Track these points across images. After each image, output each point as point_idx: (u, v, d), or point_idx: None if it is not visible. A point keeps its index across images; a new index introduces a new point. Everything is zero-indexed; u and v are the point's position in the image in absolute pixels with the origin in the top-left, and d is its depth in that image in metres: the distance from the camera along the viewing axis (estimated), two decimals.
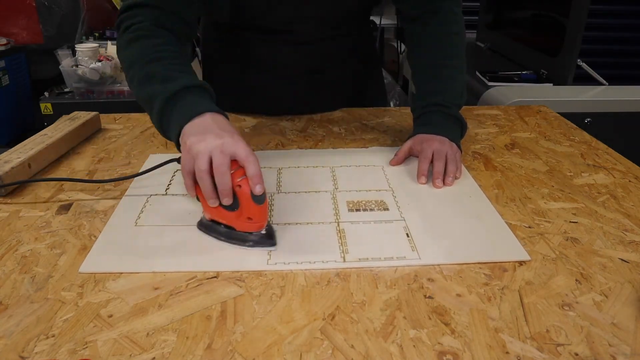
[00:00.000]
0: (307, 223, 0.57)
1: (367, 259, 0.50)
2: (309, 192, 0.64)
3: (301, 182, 0.67)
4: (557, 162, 0.74)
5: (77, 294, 0.45)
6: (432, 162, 0.68)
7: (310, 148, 0.79)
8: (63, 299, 0.45)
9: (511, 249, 0.52)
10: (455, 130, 0.73)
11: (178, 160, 0.56)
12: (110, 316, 0.43)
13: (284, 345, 0.39)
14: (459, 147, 0.71)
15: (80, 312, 0.43)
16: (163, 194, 0.64)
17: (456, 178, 0.67)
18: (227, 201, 0.50)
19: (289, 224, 0.57)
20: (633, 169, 0.72)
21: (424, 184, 0.66)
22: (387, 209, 0.60)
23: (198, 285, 0.47)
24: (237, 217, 0.51)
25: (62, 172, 0.72)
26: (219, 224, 0.53)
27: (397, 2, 0.82)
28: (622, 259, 0.51)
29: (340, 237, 0.54)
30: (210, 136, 0.51)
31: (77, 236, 0.55)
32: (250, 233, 0.52)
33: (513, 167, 0.73)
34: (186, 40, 0.71)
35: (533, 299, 0.45)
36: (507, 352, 0.39)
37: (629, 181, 0.68)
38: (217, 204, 0.51)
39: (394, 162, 0.72)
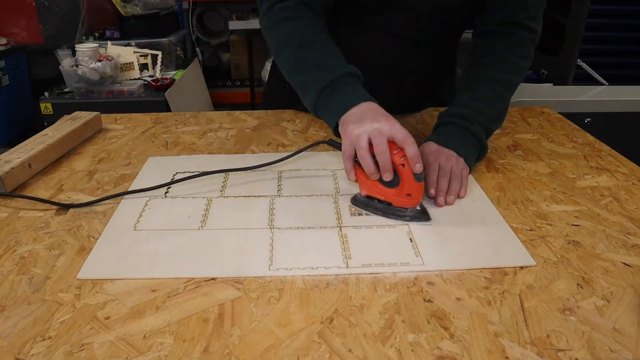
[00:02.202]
0: (309, 227, 0.56)
1: (371, 264, 0.49)
2: (310, 195, 0.64)
3: (302, 185, 0.66)
4: (559, 164, 0.74)
5: (75, 296, 0.45)
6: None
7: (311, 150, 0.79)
8: (60, 300, 0.45)
9: (516, 254, 0.51)
10: (470, 148, 0.68)
11: (328, 142, 0.65)
12: (107, 318, 0.42)
13: (282, 348, 0.39)
14: (468, 164, 0.67)
15: (77, 313, 0.43)
16: (162, 197, 0.64)
17: (459, 197, 0.63)
18: (387, 177, 0.57)
19: (290, 228, 0.56)
20: (636, 171, 0.72)
21: (433, 196, 0.62)
22: None
23: (196, 287, 0.46)
24: (397, 194, 0.58)
25: (62, 172, 0.71)
26: (375, 200, 0.60)
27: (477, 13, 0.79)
28: (624, 263, 0.50)
29: (343, 242, 0.53)
30: (368, 121, 0.58)
31: (75, 237, 0.55)
32: (407, 209, 0.58)
33: (515, 169, 0.72)
34: (324, 16, 0.73)
35: (534, 303, 0.44)
36: (507, 357, 0.38)
37: (632, 184, 0.68)
38: (378, 177, 0.58)
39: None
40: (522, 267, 0.49)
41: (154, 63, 1.96)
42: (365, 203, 0.60)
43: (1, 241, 0.54)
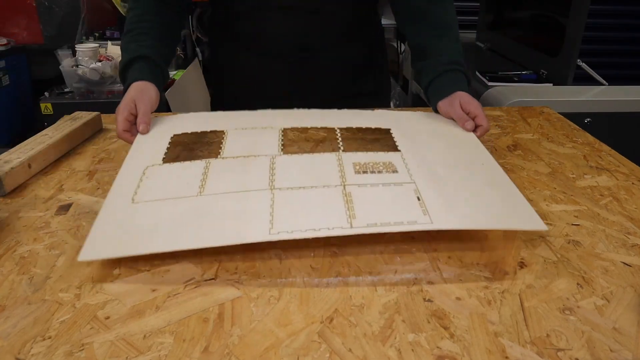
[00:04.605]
0: (311, 187, 0.54)
1: (376, 224, 0.47)
2: (313, 154, 0.61)
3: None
4: (559, 163, 0.74)
5: (75, 296, 0.45)
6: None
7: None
8: (60, 300, 0.45)
9: (526, 217, 0.49)
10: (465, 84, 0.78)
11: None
12: (107, 318, 0.42)
13: (281, 348, 0.39)
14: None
15: (77, 313, 0.43)
16: (160, 164, 0.60)
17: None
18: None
19: (291, 188, 0.54)
20: (636, 171, 0.72)
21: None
22: (396, 171, 0.56)
23: (196, 287, 0.46)
24: None
25: (62, 172, 0.71)
26: None
27: None
28: (624, 263, 0.50)
29: (347, 201, 0.51)
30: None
31: (76, 237, 0.55)
32: None
33: (515, 168, 0.72)
34: (176, 5, 0.82)
35: (534, 302, 0.44)
36: (507, 357, 0.38)
37: (632, 183, 0.68)
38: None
39: (470, 127, 0.73)
40: (521, 267, 0.49)
41: None
42: None
43: (1, 241, 0.54)
